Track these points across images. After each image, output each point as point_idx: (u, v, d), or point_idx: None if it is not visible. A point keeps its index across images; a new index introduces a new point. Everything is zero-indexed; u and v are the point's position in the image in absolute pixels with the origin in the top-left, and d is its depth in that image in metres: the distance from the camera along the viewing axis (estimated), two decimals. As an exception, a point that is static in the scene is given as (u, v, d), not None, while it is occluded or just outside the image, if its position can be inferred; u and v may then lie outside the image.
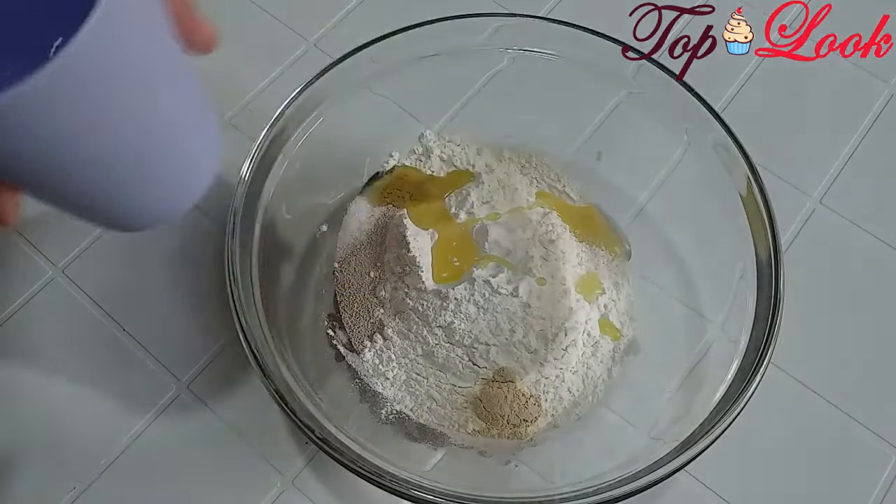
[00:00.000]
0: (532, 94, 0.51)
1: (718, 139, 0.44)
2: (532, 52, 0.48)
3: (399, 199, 0.50)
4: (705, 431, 0.37)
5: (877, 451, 0.46)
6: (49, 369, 0.49)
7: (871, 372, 0.48)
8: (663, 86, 0.44)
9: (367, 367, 0.45)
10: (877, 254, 0.52)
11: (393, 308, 0.46)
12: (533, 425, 0.44)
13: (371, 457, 0.37)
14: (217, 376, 0.48)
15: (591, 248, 0.49)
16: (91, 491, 0.45)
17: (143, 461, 0.46)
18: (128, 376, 0.48)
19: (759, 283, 0.41)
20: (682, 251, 0.49)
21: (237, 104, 0.57)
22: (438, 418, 0.45)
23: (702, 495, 0.45)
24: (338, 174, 0.51)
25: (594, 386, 0.46)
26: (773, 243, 0.41)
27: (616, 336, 0.47)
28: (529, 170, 0.52)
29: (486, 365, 0.45)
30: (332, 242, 0.50)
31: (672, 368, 0.45)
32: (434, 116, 0.54)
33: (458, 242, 0.48)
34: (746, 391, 0.38)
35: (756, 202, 0.42)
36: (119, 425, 0.47)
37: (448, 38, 0.47)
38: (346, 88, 0.46)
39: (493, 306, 0.44)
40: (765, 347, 0.39)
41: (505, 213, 0.49)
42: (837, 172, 0.55)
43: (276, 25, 0.61)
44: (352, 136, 0.50)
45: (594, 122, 0.53)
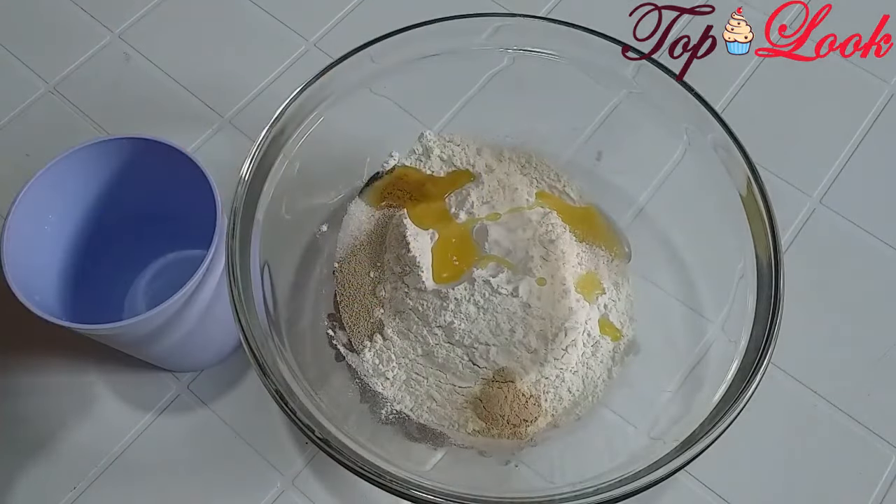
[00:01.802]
0: (532, 94, 0.51)
1: (718, 139, 0.44)
2: (532, 52, 0.48)
3: (399, 199, 0.50)
4: (705, 431, 0.37)
5: (877, 451, 0.46)
6: (49, 369, 0.49)
7: (871, 372, 0.48)
8: (663, 86, 0.44)
9: (367, 367, 0.45)
10: (877, 254, 0.52)
11: (393, 308, 0.46)
12: (533, 425, 0.44)
13: (371, 457, 0.37)
14: (217, 376, 0.48)
15: (591, 248, 0.49)
16: (91, 491, 0.45)
17: (143, 461, 0.46)
18: (128, 376, 0.48)
19: (759, 283, 0.41)
20: (682, 251, 0.49)
21: (237, 104, 0.57)
22: (438, 418, 0.45)
23: (702, 495, 0.45)
24: (338, 174, 0.51)
25: (594, 386, 0.46)
26: (773, 243, 0.41)
27: (616, 336, 0.47)
28: (529, 170, 0.52)
29: (486, 365, 0.45)
30: (332, 242, 0.50)
31: (672, 368, 0.45)
32: (434, 116, 0.54)
33: (458, 242, 0.48)
34: (746, 391, 0.38)
35: (756, 202, 0.42)
36: (119, 425, 0.47)
37: (448, 38, 0.47)
38: (346, 88, 0.46)
39: (493, 306, 0.44)
40: (765, 347, 0.39)
41: (505, 213, 0.48)
42: (837, 172, 0.55)
43: (276, 25, 0.61)
44: (352, 136, 0.50)
45: (594, 122, 0.53)
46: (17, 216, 0.40)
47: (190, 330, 0.42)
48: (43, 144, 0.41)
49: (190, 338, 0.43)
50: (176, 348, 0.44)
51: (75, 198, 0.44)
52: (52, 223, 0.43)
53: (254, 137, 0.43)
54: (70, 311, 0.43)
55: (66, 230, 0.44)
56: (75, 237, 0.45)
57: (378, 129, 0.52)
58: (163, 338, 0.42)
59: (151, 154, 0.41)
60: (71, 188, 0.43)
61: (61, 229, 0.44)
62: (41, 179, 0.41)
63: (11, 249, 0.39)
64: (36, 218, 0.42)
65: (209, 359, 0.48)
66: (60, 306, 0.42)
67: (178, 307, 0.39)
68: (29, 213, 0.41)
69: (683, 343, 0.46)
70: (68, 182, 0.42)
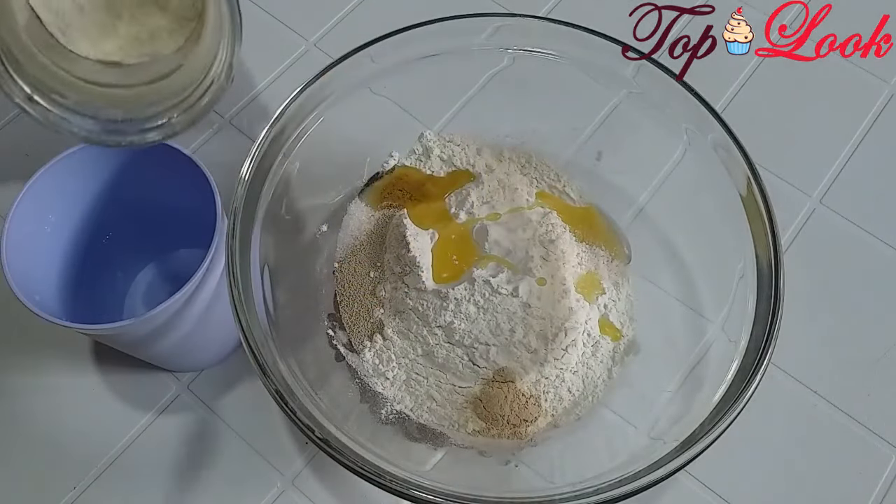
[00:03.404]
0: (532, 94, 0.51)
1: (718, 139, 0.44)
2: (532, 52, 0.48)
3: (399, 199, 0.50)
4: (705, 431, 0.37)
5: (877, 451, 0.46)
6: (49, 369, 0.49)
7: (871, 372, 0.48)
8: (663, 86, 0.44)
9: (367, 367, 0.45)
10: (877, 254, 0.52)
11: (393, 308, 0.46)
12: (533, 425, 0.44)
13: (371, 457, 0.37)
14: (217, 376, 0.48)
15: (591, 248, 0.49)
16: (91, 491, 0.45)
17: (143, 461, 0.46)
18: (128, 376, 0.48)
19: (759, 283, 0.41)
20: (682, 251, 0.49)
21: (237, 104, 0.57)
22: (438, 418, 0.45)
23: (702, 495, 0.45)
24: (338, 174, 0.51)
25: (594, 386, 0.46)
26: (773, 243, 0.41)
27: (616, 336, 0.47)
28: (529, 170, 0.52)
29: (486, 365, 0.45)
30: (332, 242, 0.50)
31: (672, 368, 0.45)
32: (434, 116, 0.54)
33: (458, 242, 0.48)
34: (746, 391, 0.38)
35: (756, 202, 0.42)
36: (119, 425, 0.47)
37: (448, 38, 0.47)
38: (346, 88, 0.46)
39: (493, 306, 0.44)
40: (765, 347, 0.39)
41: (505, 213, 0.48)
42: (837, 172, 0.55)
43: (276, 25, 0.61)
44: (352, 136, 0.50)
45: (594, 122, 0.53)
46: (17, 216, 0.40)
47: (190, 330, 0.42)
48: (43, 144, 0.41)
49: (190, 338, 0.43)
50: (176, 348, 0.44)
51: (75, 198, 0.44)
52: (52, 223, 0.43)
53: (254, 137, 0.43)
54: (70, 311, 0.43)
55: (66, 230, 0.44)
56: (75, 237, 0.45)
57: (378, 129, 0.52)
58: (163, 338, 0.42)
59: (151, 154, 0.41)
60: (71, 188, 0.43)
61: (61, 229, 0.44)
62: (41, 179, 0.41)
63: (11, 249, 0.39)
64: (36, 218, 0.42)
65: (209, 359, 0.48)
66: (60, 306, 0.43)
67: (178, 307, 0.39)
68: (29, 213, 0.41)
69: (683, 343, 0.46)
70: (68, 182, 0.42)
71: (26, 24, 0.33)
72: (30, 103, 0.32)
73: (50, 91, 0.33)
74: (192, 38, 0.35)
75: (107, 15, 0.34)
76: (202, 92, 0.34)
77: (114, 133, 0.34)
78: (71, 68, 0.34)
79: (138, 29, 0.34)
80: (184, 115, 0.34)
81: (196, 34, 0.35)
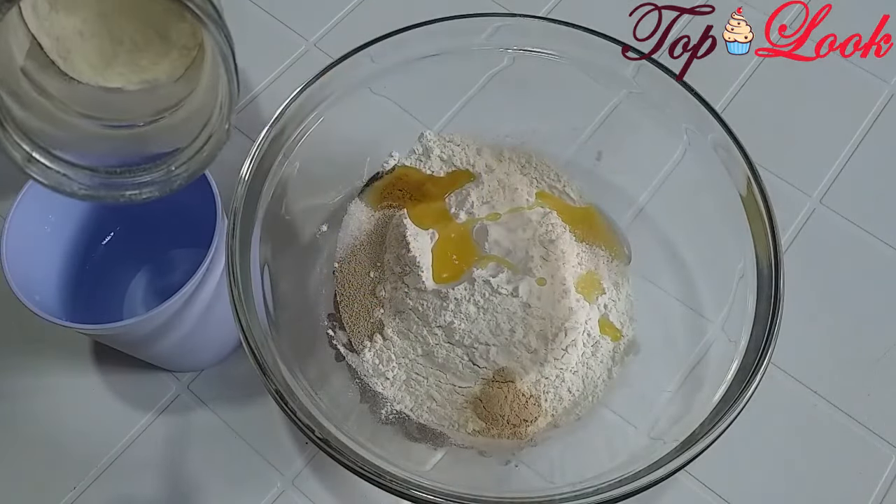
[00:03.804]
0: (532, 94, 0.51)
1: (718, 139, 0.44)
2: (532, 52, 0.48)
3: (399, 199, 0.50)
4: (705, 431, 0.37)
5: (877, 451, 0.46)
6: (49, 369, 0.49)
7: (871, 372, 0.48)
8: (663, 86, 0.44)
9: (367, 367, 0.45)
10: (877, 254, 0.52)
11: (393, 308, 0.46)
12: (533, 425, 0.44)
13: (371, 457, 0.37)
14: (217, 376, 0.48)
15: (591, 248, 0.49)
16: (91, 491, 0.45)
17: (143, 461, 0.46)
18: (128, 376, 0.48)
19: (759, 283, 0.41)
20: (682, 251, 0.49)
21: (237, 104, 0.57)
22: (438, 418, 0.45)
23: (702, 495, 0.45)
24: (338, 174, 0.51)
25: (594, 386, 0.46)
26: (773, 243, 0.41)
27: (616, 336, 0.47)
28: (529, 170, 0.52)
29: (486, 365, 0.45)
30: (332, 242, 0.50)
31: (672, 368, 0.45)
32: (434, 116, 0.54)
33: (458, 242, 0.48)
34: (746, 391, 0.38)
35: (756, 202, 0.42)
36: (119, 425, 0.47)
37: (448, 38, 0.47)
38: (346, 88, 0.46)
39: (493, 306, 0.44)
40: (765, 347, 0.39)
41: (505, 213, 0.48)
42: (837, 172, 0.55)
43: (276, 25, 0.61)
44: (352, 136, 0.50)
45: (594, 122, 0.53)
46: (17, 216, 0.40)
47: (190, 330, 0.42)
48: (43, 144, 0.41)
49: (190, 338, 0.43)
50: (176, 348, 0.44)
51: None
52: (52, 223, 0.43)
53: (254, 137, 0.43)
54: (70, 311, 0.43)
55: (67, 230, 0.44)
56: (75, 237, 0.45)
57: (378, 129, 0.52)
58: (163, 338, 0.42)
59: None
60: None
61: (61, 229, 0.44)
62: None
63: (11, 249, 0.39)
64: (36, 218, 0.42)
65: (209, 359, 0.48)
66: (60, 306, 0.43)
67: (178, 307, 0.39)
68: (29, 213, 0.41)
69: (683, 343, 0.46)
70: None
71: (27, 54, 0.33)
72: (30, 164, 0.32)
73: (50, 146, 0.33)
74: (194, 68, 0.35)
75: (107, 41, 0.34)
76: (202, 143, 0.34)
77: (112, 188, 0.34)
78: (72, 99, 0.34)
79: (139, 55, 0.35)
80: (183, 168, 0.34)
81: (197, 64, 0.35)
